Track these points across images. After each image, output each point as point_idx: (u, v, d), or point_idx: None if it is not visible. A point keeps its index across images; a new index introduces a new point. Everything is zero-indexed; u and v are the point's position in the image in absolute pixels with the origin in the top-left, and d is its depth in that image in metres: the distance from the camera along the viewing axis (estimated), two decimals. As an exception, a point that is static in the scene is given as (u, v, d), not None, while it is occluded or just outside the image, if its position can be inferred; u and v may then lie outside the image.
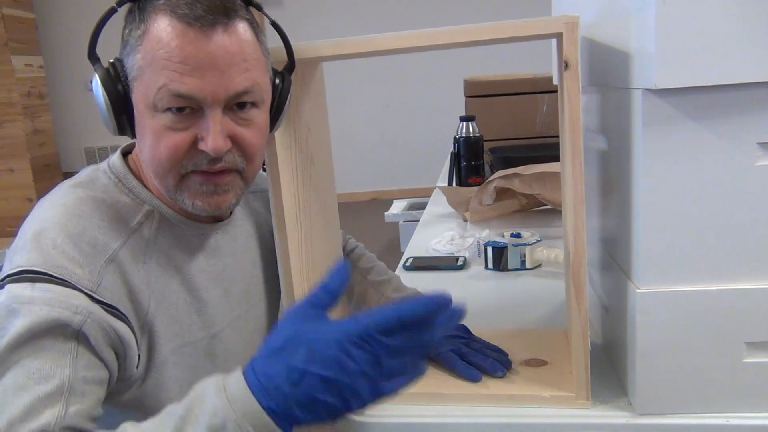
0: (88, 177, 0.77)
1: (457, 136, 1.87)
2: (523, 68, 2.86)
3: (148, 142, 0.70)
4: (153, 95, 0.67)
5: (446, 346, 0.84)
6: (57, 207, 0.72)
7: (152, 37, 0.66)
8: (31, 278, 0.65)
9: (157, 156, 0.70)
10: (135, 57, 0.68)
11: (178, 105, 0.67)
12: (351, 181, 5.25)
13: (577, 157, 0.70)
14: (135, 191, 0.76)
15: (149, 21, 0.67)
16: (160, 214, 0.76)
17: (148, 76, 0.67)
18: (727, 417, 0.72)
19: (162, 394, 0.74)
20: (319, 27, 5.02)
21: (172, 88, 0.66)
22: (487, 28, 0.69)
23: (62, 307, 0.64)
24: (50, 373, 0.62)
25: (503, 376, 0.81)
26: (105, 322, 0.66)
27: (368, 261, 1.05)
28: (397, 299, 0.95)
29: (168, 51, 0.66)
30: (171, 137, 0.69)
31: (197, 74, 0.66)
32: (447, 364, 0.83)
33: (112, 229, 0.72)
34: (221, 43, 0.67)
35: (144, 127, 0.70)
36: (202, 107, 0.68)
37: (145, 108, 0.69)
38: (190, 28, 0.66)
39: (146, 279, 0.73)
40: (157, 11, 0.67)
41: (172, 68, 0.66)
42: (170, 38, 0.66)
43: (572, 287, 0.74)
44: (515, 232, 1.33)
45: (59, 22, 5.28)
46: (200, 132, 0.69)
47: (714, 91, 0.64)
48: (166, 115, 0.68)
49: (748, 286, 0.69)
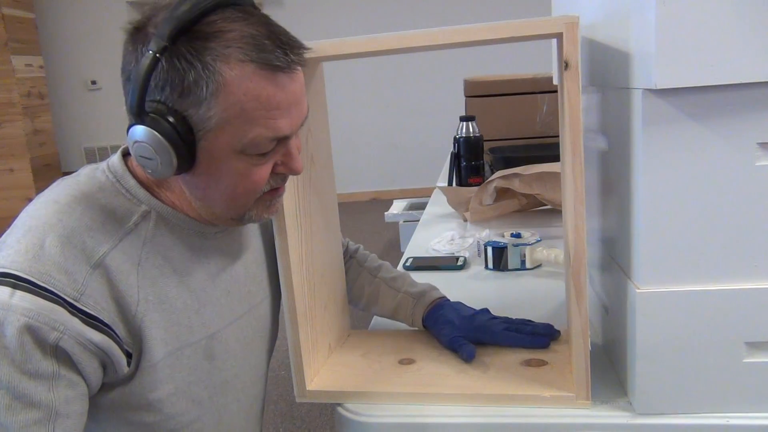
0: (85, 175, 0.77)
1: (457, 136, 1.87)
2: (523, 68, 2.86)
3: (227, 182, 0.71)
4: (244, 143, 0.67)
5: (500, 326, 0.92)
6: (50, 204, 0.71)
7: (235, 89, 0.65)
8: (13, 284, 0.64)
9: (241, 191, 0.72)
10: (210, 110, 0.65)
11: (273, 146, 0.70)
12: (351, 181, 5.25)
13: (577, 157, 0.71)
14: (132, 191, 0.75)
15: (222, 71, 0.64)
16: (157, 215, 0.75)
17: (236, 128, 0.66)
18: (727, 417, 0.72)
19: (150, 395, 0.74)
20: (319, 27, 5.02)
21: (269, 135, 0.68)
22: (487, 28, 0.69)
23: (39, 321, 0.63)
24: (35, 400, 0.64)
25: (560, 335, 0.92)
26: (82, 336, 0.66)
27: (374, 260, 1.06)
28: (415, 294, 0.98)
29: (260, 102, 0.66)
30: (257, 171, 0.71)
31: (287, 114, 0.68)
32: (508, 341, 0.91)
33: (103, 230, 0.71)
34: (298, 78, 0.69)
35: (221, 170, 0.70)
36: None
37: (230, 153, 0.68)
38: (276, 73, 0.66)
39: (139, 283, 0.72)
40: (227, 59, 0.64)
41: (268, 116, 0.67)
42: (260, 87, 0.65)
43: (572, 287, 0.74)
44: (515, 232, 1.33)
45: (59, 22, 5.28)
46: (279, 158, 0.72)
47: (714, 91, 0.64)
48: (254, 155, 0.70)
49: (748, 286, 0.69)
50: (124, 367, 0.71)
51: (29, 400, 0.64)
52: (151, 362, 0.73)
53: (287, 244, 0.83)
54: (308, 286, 0.88)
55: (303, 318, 0.86)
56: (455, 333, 0.91)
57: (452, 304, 0.97)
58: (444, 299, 0.98)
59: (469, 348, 0.88)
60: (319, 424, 2.16)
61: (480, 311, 0.95)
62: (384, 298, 1.00)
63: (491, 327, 0.92)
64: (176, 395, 0.76)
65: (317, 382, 0.87)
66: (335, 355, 0.95)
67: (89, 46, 5.27)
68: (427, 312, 0.96)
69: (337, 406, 0.83)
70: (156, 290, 0.74)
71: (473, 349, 0.88)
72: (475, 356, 0.87)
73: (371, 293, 1.01)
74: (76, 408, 0.67)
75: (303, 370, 0.85)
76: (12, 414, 0.63)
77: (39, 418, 0.64)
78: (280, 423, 2.18)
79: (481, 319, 0.93)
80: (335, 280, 0.98)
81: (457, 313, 0.94)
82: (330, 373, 0.90)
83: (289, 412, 2.23)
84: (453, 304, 0.97)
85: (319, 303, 0.91)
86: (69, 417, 0.66)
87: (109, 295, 0.70)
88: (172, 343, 0.75)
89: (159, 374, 0.74)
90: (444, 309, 0.95)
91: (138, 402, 0.73)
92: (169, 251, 0.76)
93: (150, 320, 0.73)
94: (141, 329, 0.72)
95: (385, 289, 1.00)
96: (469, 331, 0.91)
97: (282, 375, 2.41)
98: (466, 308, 0.96)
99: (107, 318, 0.69)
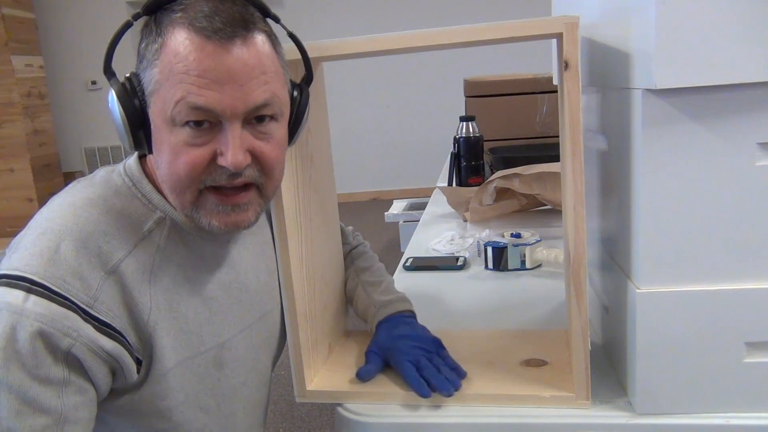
0: (102, 178, 0.76)
1: (457, 136, 1.87)
2: (523, 68, 2.86)
3: (166, 158, 0.69)
4: (171, 109, 0.66)
5: (408, 356, 0.84)
6: (66, 207, 0.71)
7: (170, 51, 0.65)
8: (27, 288, 0.64)
9: (175, 172, 0.68)
10: (152, 71, 0.67)
11: (196, 118, 0.66)
12: (351, 181, 5.25)
13: (577, 157, 0.71)
14: (148, 196, 0.74)
15: (166, 34, 0.66)
16: (171, 222, 0.75)
17: (166, 90, 0.66)
18: (728, 417, 0.72)
19: (161, 402, 0.73)
20: (320, 27, 5.02)
21: (190, 101, 0.65)
22: (487, 28, 0.69)
23: (53, 327, 0.63)
24: (45, 406, 0.64)
25: (449, 395, 0.78)
26: (94, 343, 0.66)
27: (366, 260, 1.04)
28: (379, 302, 0.94)
29: (186, 64, 0.64)
30: (189, 153, 0.67)
31: (216, 87, 0.65)
32: (402, 373, 0.82)
33: (118, 236, 0.70)
34: (240, 55, 0.65)
35: (161, 142, 0.69)
36: (221, 121, 0.67)
37: (162, 123, 0.67)
38: (208, 41, 0.64)
39: (152, 290, 0.72)
40: (174, 24, 0.66)
41: (190, 81, 0.64)
42: (188, 51, 0.64)
43: (572, 287, 0.74)
44: (515, 232, 1.33)
45: (59, 22, 5.28)
46: (219, 147, 0.67)
47: (714, 91, 0.64)
48: (184, 130, 0.66)
49: (748, 286, 0.69)
50: (134, 374, 0.71)
51: (38, 406, 0.64)
52: (161, 371, 0.72)
53: (287, 245, 0.82)
54: (308, 286, 0.88)
55: (303, 318, 0.86)
56: (374, 346, 0.89)
57: (408, 321, 0.91)
58: (405, 314, 0.93)
59: (368, 367, 0.85)
60: (319, 424, 2.16)
61: (430, 340, 0.88)
62: (357, 301, 0.98)
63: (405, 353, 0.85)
64: (185, 404, 0.76)
65: (317, 382, 0.87)
66: (335, 355, 0.95)
67: (89, 46, 5.27)
68: (382, 320, 0.92)
69: (337, 406, 0.83)
70: (168, 299, 0.73)
71: (369, 370, 0.85)
72: (367, 378, 0.84)
73: (350, 290, 1.01)
74: (85, 414, 0.67)
75: (303, 370, 0.85)
76: (21, 419, 0.63)
77: (47, 423, 0.64)
78: (280, 423, 2.18)
79: (408, 344, 0.86)
80: (335, 280, 0.98)
81: (399, 330, 0.89)
82: (330, 373, 0.89)
83: (289, 412, 2.23)
84: (408, 321, 0.91)
85: (319, 303, 0.91)
86: (77, 423, 0.66)
87: (121, 302, 0.69)
88: (183, 353, 0.75)
89: (169, 383, 0.74)
90: (395, 322, 0.90)
91: (148, 409, 0.73)
92: (182, 259, 0.76)
93: (161, 329, 0.72)
94: (152, 337, 0.71)
95: (360, 292, 0.98)
96: (387, 350, 0.87)
97: (282, 375, 2.41)
98: (417, 330, 0.89)
99: (119, 325, 0.69)
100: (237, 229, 0.73)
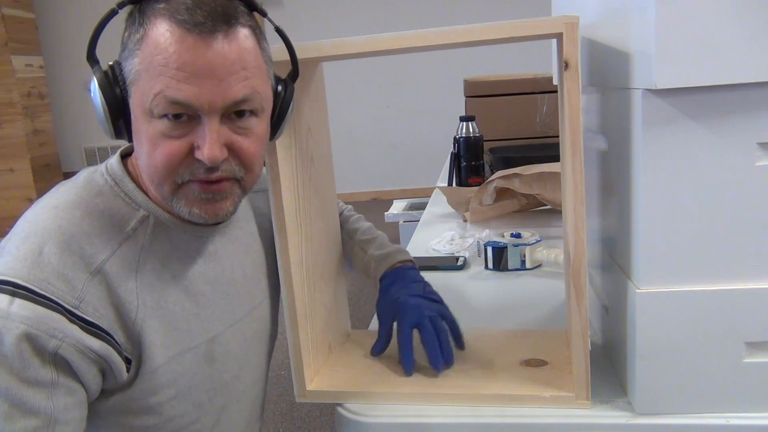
0: (84, 179, 0.76)
1: (457, 136, 1.87)
2: (523, 68, 2.86)
3: (145, 149, 0.69)
4: (149, 101, 0.66)
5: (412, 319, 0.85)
6: (48, 210, 0.71)
7: (150, 42, 0.65)
8: (12, 291, 0.64)
9: (153, 163, 0.68)
10: (133, 61, 0.67)
11: (174, 112, 0.66)
12: (351, 181, 5.25)
13: (577, 157, 0.71)
14: (131, 195, 0.74)
15: (148, 25, 0.66)
16: (155, 219, 0.75)
17: (145, 81, 0.66)
18: (727, 417, 0.72)
19: (151, 399, 0.73)
20: (319, 27, 5.02)
21: (168, 94, 0.65)
22: (487, 28, 0.69)
23: (38, 329, 0.63)
24: (35, 408, 0.64)
25: (437, 371, 0.84)
26: (81, 343, 0.66)
27: (354, 222, 1.05)
28: (378, 257, 0.96)
29: (165, 57, 0.64)
30: (167, 145, 0.67)
31: (194, 81, 0.64)
32: (400, 341, 0.86)
33: (102, 237, 0.71)
34: (220, 50, 0.65)
35: (140, 132, 0.69)
36: (199, 115, 0.67)
37: (141, 113, 0.67)
38: (189, 34, 0.64)
39: (138, 288, 0.72)
40: (156, 15, 0.66)
41: (169, 74, 0.64)
42: (168, 44, 0.64)
43: (572, 287, 0.74)
44: (515, 232, 1.33)
45: (59, 22, 5.28)
46: (196, 140, 0.67)
47: (714, 91, 0.64)
48: (162, 122, 0.66)
49: (748, 286, 0.69)
50: (124, 374, 0.71)
51: (28, 408, 0.64)
52: (151, 368, 0.72)
53: (287, 244, 0.82)
54: (308, 286, 0.88)
55: (303, 318, 0.86)
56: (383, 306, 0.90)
57: (412, 274, 0.93)
58: (405, 265, 0.95)
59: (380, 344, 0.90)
60: (319, 424, 2.16)
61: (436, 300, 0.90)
62: (355, 259, 1.00)
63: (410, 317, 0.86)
64: (177, 399, 0.76)
65: (317, 382, 0.87)
66: (335, 355, 0.95)
67: (89, 46, 5.27)
68: (386, 272, 0.94)
69: (337, 406, 0.83)
70: (155, 296, 0.73)
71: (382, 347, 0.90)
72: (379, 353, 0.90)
73: (348, 253, 1.02)
74: (75, 415, 0.67)
75: (303, 370, 0.85)
76: (11, 422, 0.63)
77: (38, 425, 0.64)
78: (280, 423, 2.18)
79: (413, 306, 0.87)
80: (335, 280, 0.98)
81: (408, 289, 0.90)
82: (330, 373, 0.89)
83: (289, 412, 2.23)
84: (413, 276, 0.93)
85: (319, 303, 0.91)
86: (68, 424, 0.66)
87: (108, 302, 0.69)
88: (173, 348, 0.75)
89: (160, 379, 0.74)
90: (400, 276, 0.92)
91: (138, 406, 0.73)
92: (167, 256, 0.76)
93: (149, 326, 0.72)
94: (140, 335, 0.71)
95: (358, 251, 1.00)
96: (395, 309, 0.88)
97: (282, 375, 2.41)
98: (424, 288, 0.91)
99: (106, 325, 0.69)
100: (216, 218, 0.73)
